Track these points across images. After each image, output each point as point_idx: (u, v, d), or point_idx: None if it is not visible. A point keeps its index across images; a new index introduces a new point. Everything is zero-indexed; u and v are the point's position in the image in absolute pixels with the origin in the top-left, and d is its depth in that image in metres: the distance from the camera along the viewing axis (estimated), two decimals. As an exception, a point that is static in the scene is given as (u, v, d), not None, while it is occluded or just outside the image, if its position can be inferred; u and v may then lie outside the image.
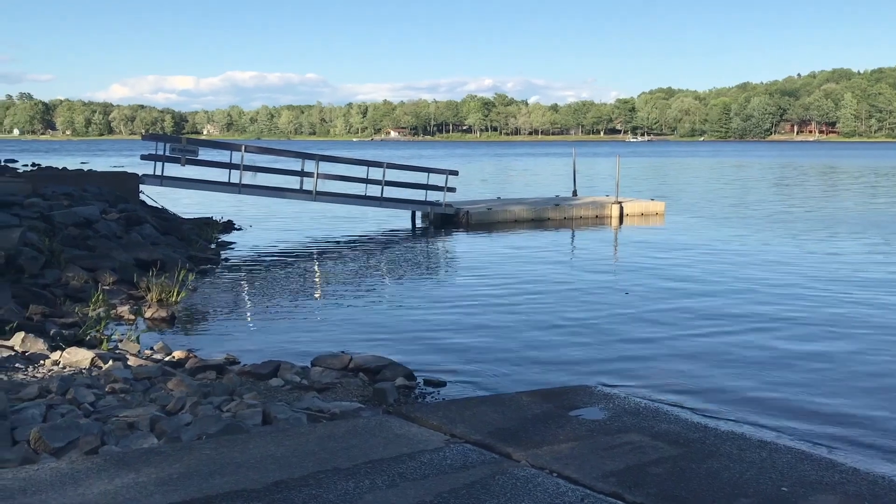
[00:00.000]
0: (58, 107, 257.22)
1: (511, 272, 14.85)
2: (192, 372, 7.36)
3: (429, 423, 5.46)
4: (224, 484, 4.26)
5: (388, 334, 10.07)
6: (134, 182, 20.91)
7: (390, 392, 6.95)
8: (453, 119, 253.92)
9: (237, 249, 17.91)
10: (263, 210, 25.74)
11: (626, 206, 24.80)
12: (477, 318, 10.99)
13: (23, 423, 5.09)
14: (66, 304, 10.34)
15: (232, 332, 10.29)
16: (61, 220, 14.25)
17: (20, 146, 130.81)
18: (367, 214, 24.17)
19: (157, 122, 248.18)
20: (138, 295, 11.53)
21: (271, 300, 12.45)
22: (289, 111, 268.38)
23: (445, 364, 8.61)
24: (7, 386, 6.02)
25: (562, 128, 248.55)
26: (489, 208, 23.52)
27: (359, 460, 4.67)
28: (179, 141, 21.61)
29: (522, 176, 52.99)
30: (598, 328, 10.41)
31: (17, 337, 7.65)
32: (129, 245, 14.06)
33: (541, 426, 5.51)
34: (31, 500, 3.98)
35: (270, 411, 5.82)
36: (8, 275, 10.68)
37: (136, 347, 8.31)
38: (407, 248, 19.10)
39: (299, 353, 8.96)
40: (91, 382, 6.25)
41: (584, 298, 12.36)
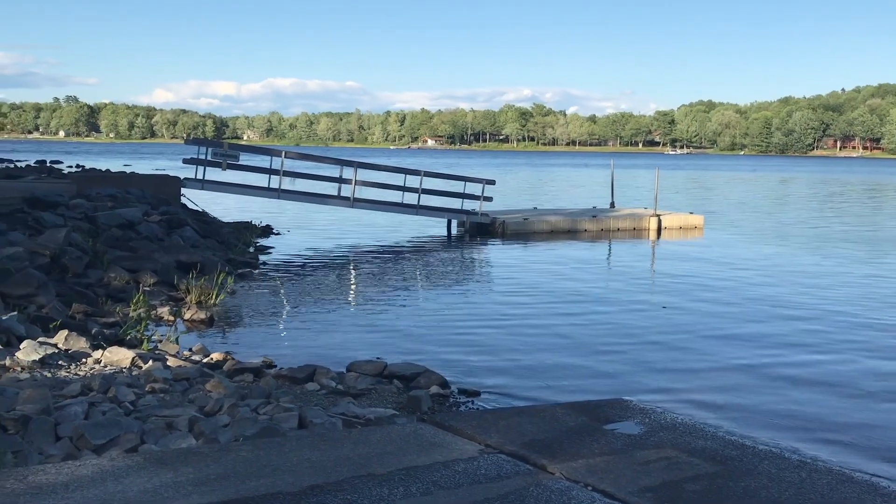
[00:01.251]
0: (102, 110, 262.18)
1: (546, 283, 14.80)
2: (229, 374, 7.45)
3: (463, 433, 5.45)
4: (260, 486, 4.30)
5: (423, 342, 10.09)
6: (176, 185, 21.23)
7: (424, 400, 6.97)
8: (490, 128, 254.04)
9: (275, 254, 18.09)
10: (301, 215, 25.97)
11: (664, 219, 24.59)
12: (511, 328, 10.97)
13: (66, 419, 5.20)
14: (108, 304, 10.53)
15: (268, 335, 10.39)
16: (105, 222, 14.52)
17: (65, 148, 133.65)
18: (403, 222, 24.27)
19: (198, 127, 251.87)
20: (178, 296, 11.70)
21: (307, 305, 12.56)
22: (328, 118, 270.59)
23: (479, 373, 8.61)
24: (51, 383, 6.14)
25: (600, 139, 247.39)
26: (525, 218, 23.48)
27: (393, 467, 4.68)
28: (221, 146, 21.93)
29: (559, 186, 52.83)
30: (633, 341, 10.32)
31: (60, 335, 7.80)
32: (170, 247, 14.27)
33: (576, 439, 5.47)
34: (73, 495, 4.05)
35: (306, 415, 5.87)
36: (53, 274, 10.91)
37: (175, 348, 8.43)
38: (442, 256, 19.14)
39: (334, 358, 9.01)
40: (131, 381, 6.36)
41: (619, 311, 12.27)
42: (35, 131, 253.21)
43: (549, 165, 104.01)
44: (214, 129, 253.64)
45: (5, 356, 6.85)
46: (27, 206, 14.68)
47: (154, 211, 17.07)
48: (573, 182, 59.15)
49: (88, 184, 19.40)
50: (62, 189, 17.42)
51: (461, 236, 22.76)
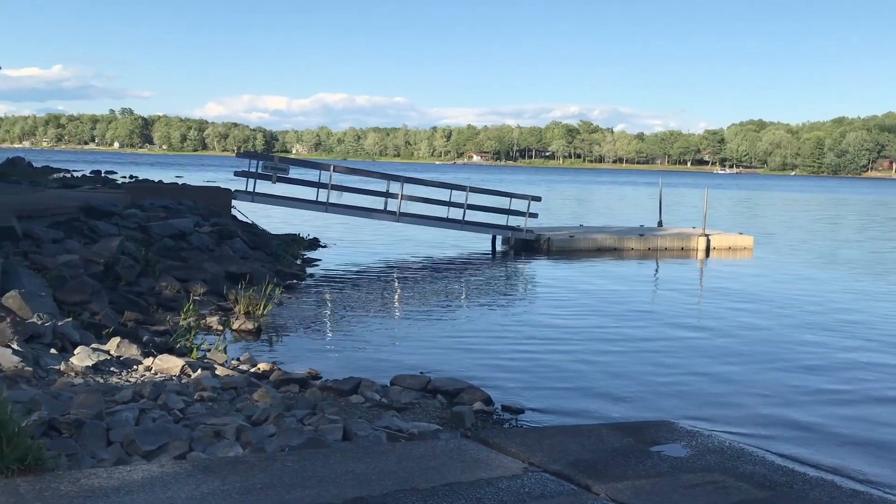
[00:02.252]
0: (156, 122, 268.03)
1: (592, 301, 14.69)
2: (276, 384, 7.54)
3: (507, 450, 5.43)
4: (305, 497, 4.34)
5: (466, 357, 10.08)
6: (226, 197, 21.61)
7: (468, 416, 6.96)
8: (536, 145, 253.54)
9: (322, 266, 18.27)
10: (347, 229, 26.19)
11: (713, 239, 24.25)
12: (556, 346, 10.91)
13: (117, 425, 5.31)
14: (159, 313, 10.73)
15: (314, 346, 10.49)
16: (157, 232, 14.83)
17: (119, 158, 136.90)
18: (447, 237, 24.32)
19: (249, 140, 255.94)
20: (227, 306, 11.88)
21: (352, 317, 12.65)
22: (375, 133, 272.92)
23: (522, 391, 8.57)
24: (103, 388, 6.28)
25: (647, 157, 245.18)
26: (571, 235, 23.36)
27: (437, 482, 4.69)
28: (272, 159, 22.28)
29: (606, 204, 52.47)
30: (680, 362, 10.19)
31: (113, 341, 7.98)
32: (220, 258, 14.51)
33: (621, 460, 5.42)
34: (123, 499, 4.13)
35: (351, 428, 5.91)
36: (106, 281, 11.17)
37: (223, 357, 8.56)
38: (487, 272, 19.13)
39: (378, 371, 9.05)
40: (181, 389, 6.48)
41: (666, 331, 12.12)
42: (91, 142, 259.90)
43: (596, 183, 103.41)
44: (264, 142, 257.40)
45: (60, 361, 7.03)
46: (83, 214, 15.07)
47: (205, 222, 17.38)
48: (620, 200, 58.72)
49: (142, 194, 19.85)
50: (117, 199, 17.85)
51: (506, 252, 22.73)
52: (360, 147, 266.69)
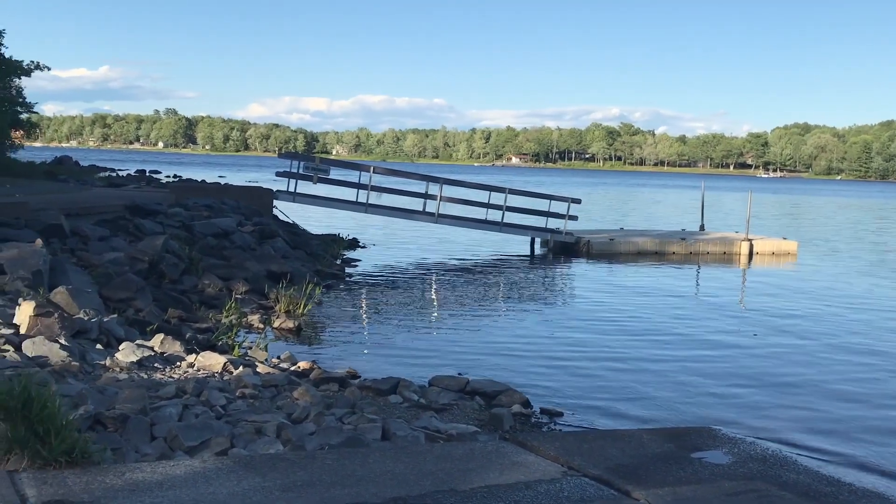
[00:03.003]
0: (199, 123, 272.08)
1: (632, 305, 14.57)
2: (316, 383, 7.60)
3: (546, 453, 5.40)
4: (344, 495, 4.36)
5: (504, 359, 10.06)
6: (268, 197, 21.85)
7: (507, 418, 6.95)
8: (576, 147, 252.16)
9: (361, 267, 18.38)
10: (385, 229, 26.30)
11: (756, 244, 23.88)
12: (594, 349, 10.84)
13: (161, 420, 5.39)
14: (202, 310, 10.89)
15: (353, 346, 10.56)
16: (201, 231, 15.06)
17: (163, 158, 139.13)
18: (486, 239, 24.30)
19: (290, 141, 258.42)
20: (268, 305, 12.02)
21: (391, 318, 12.70)
22: (414, 135, 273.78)
23: (561, 394, 8.53)
24: (147, 384, 6.39)
25: (689, 160, 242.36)
26: (612, 238, 23.18)
27: (475, 484, 4.68)
28: (313, 160, 22.48)
29: (646, 207, 51.99)
30: (721, 368, 10.05)
31: (157, 338, 8.11)
32: (262, 257, 14.68)
33: (661, 466, 5.36)
34: (166, 494, 4.19)
35: (389, 427, 5.93)
36: (150, 279, 11.37)
37: (264, 355, 8.66)
38: (525, 274, 19.07)
39: (416, 371, 9.08)
40: (223, 386, 6.56)
41: (708, 337, 11.97)
42: (136, 142, 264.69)
43: (636, 185, 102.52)
44: (305, 143, 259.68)
45: (106, 356, 7.17)
46: (129, 213, 15.36)
47: (247, 221, 17.59)
48: (661, 203, 58.13)
49: (185, 193, 20.16)
50: (161, 198, 18.16)
51: (544, 255, 22.64)
52: (399, 148, 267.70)
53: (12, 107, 30.46)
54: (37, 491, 4.04)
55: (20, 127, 32.71)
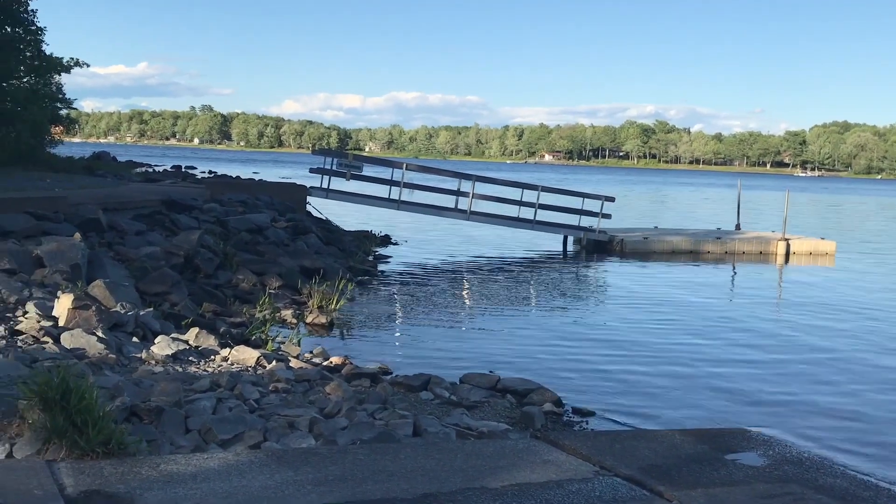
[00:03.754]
0: (234, 119, 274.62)
1: (665, 305, 14.43)
2: (348, 378, 7.64)
3: (577, 452, 5.38)
4: (376, 490, 4.38)
5: (535, 358, 10.03)
6: (302, 193, 22.00)
7: (538, 417, 6.92)
8: (610, 144, 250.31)
9: (393, 263, 18.43)
10: (416, 226, 26.34)
11: (793, 244, 23.53)
12: (627, 349, 10.76)
13: (195, 413, 5.46)
14: (235, 305, 11.00)
15: (384, 342, 10.60)
16: (235, 226, 15.20)
17: (199, 154, 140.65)
18: (518, 236, 24.22)
19: (323, 138, 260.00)
20: (300, 300, 12.10)
21: (422, 314, 12.73)
22: (446, 132, 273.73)
23: (593, 393, 8.48)
24: (183, 377, 6.47)
25: (725, 158, 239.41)
26: (646, 237, 22.99)
27: (506, 482, 4.67)
28: (346, 156, 22.58)
29: (681, 205, 51.46)
30: (756, 369, 9.93)
31: (191, 332, 8.21)
32: (295, 253, 14.79)
33: (695, 467, 5.30)
34: (200, 486, 4.24)
35: (421, 424, 5.94)
36: (186, 273, 11.50)
37: (296, 350, 8.72)
38: (558, 272, 18.99)
39: (447, 368, 9.08)
40: (256, 380, 6.62)
41: (742, 337, 11.82)
42: (172, 138, 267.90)
43: (671, 184, 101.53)
44: (338, 140, 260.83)
45: (142, 349, 7.27)
46: (165, 208, 15.56)
47: (281, 217, 17.73)
48: (696, 202, 57.51)
49: (221, 189, 20.37)
50: (197, 193, 18.36)
51: (577, 253, 22.52)
52: (432, 145, 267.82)
53: (52, 103, 30.99)
54: (74, 480, 4.12)
55: (60, 123, 33.27)
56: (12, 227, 11.04)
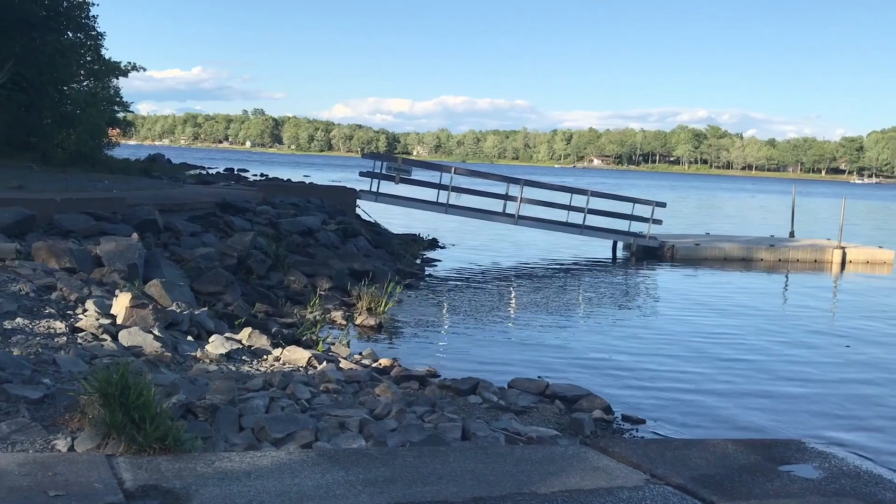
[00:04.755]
0: (286, 123, 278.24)
1: (717, 313, 14.21)
2: (396, 380, 7.68)
3: (628, 460, 5.33)
4: (425, 493, 4.40)
5: (584, 364, 9.96)
6: (352, 196, 22.19)
7: (587, 423, 6.88)
8: (661, 149, 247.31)
9: (440, 267, 18.47)
10: (463, 230, 26.34)
11: (849, 252, 22.97)
12: (677, 357, 10.62)
13: (249, 411, 5.54)
14: (287, 306, 11.15)
15: (432, 345, 10.63)
16: (287, 228, 15.40)
17: (250, 157, 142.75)
18: (567, 241, 24.09)
19: (372, 142, 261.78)
20: (350, 302, 12.21)
21: (470, 318, 12.73)
22: (494, 136, 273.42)
23: (643, 401, 8.39)
24: (236, 376, 6.58)
25: (779, 164, 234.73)
26: (697, 244, 22.66)
27: (556, 488, 4.65)
28: (396, 160, 22.71)
29: (733, 212, 50.58)
30: (810, 380, 9.71)
31: (244, 332, 8.34)
32: (345, 255, 14.93)
33: (748, 478, 5.22)
34: (254, 483, 4.31)
35: (469, 427, 5.95)
36: (239, 274, 11.69)
37: (346, 351, 8.80)
38: (607, 278, 18.83)
39: (494, 372, 9.07)
40: (307, 380, 6.70)
41: (796, 347, 11.58)
42: (225, 141, 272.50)
43: (723, 189, 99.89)
44: (387, 144, 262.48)
45: (196, 348, 7.41)
46: (219, 210, 15.83)
47: (331, 220, 17.91)
48: (749, 208, 56.48)
49: (273, 192, 20.65)
50: (250, 196, 18.65)
51: (627, 259, 22.30)
52: (479, 149, 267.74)
53: (110, 106, 31.81)
54: (132, 475, 4.22)
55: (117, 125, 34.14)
56: (73, 226, 11.35)
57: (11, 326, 6.69)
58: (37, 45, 24.37)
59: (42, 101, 25.38)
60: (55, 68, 25.16)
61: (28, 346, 6.20)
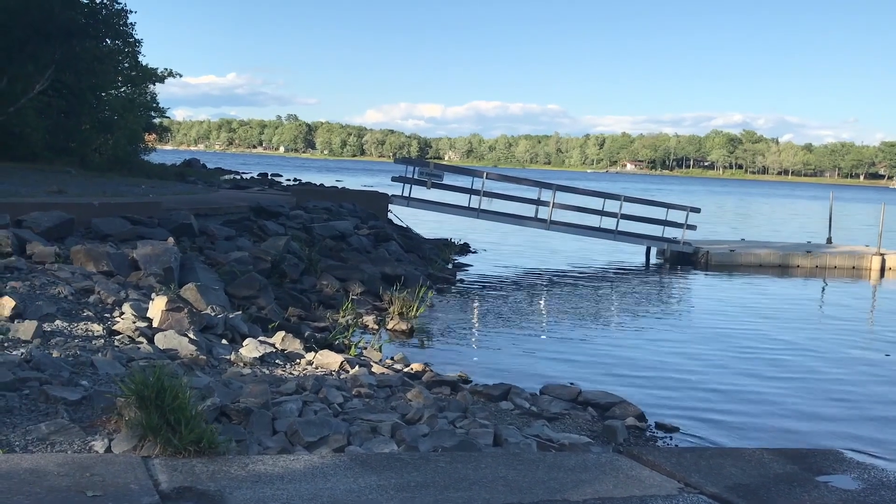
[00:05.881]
0: (318, 128, 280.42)
1: (753, 320, 14.02)
2: (428, 385, 7.69)
3: (661, 468, 5.28)
4: (457, 498, 4.39)
5: (617, 371, 9.88)
6: (384, 201, 22.29)
7: (620, 431, 6.82)
8: (695, 154, 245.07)
9: (472, 271, 18.46)
10: (495, 235, 26.31)
11: (888, 259, 22.54)
12: (712, 364, 10.50)
13: (282, 415, 5.58)
14: (319, 310, 11.21)
15: (463, 350, 10.62)
16: (320, 233, 15.51)
17: (284, 162, 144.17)
18: (599, 247, 23.95)
19: (404, 147, 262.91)
20: (382, 307, 12.25)
21: (501, 323, 12.70)
22: (526, 140, 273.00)
23: (677, 409, 8.31)
24: (270, 379, 6.63)
25: (815, 169, 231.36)
26: (732, 250, 22.40)
27: (588, 496, 4.62)
28: (428, 165, 22.77)
29: (769, 218, 49.91)
30: (848, 388, 9.54)
31: (278, 335, 8.41)
32: (377, 259, 14.99)
33: (784, 488, 5.14)
34: (287, 486, 4.34)
35: (501, 433, 5.93)
36: (272, 278, 11.79)
37: (378, 356, 8.83)
38: (641, 284, 18.68)
39: (526, 378, 9.05)
40: (340, 385, 6.73)
41: (834, 355, 11.39)
42: (259, 146, 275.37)
43: (759, 195, 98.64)
44: (418, 149, 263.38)
45: (230, 351, 7.48)
46: (253, 214, 15.98)
47: (363, 224, 18.00)
48: (785, 214, 55.71)
49: (306, 196, 20.80)
50: (284, 200, 18.80)
51: (660, 265, 22.10)
52: (511, 154, 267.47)
53: (147, 111, 32.32)
54: (168, 477, 4.26)
55: (153, 130, 34.68)
56: (110, 230, 11.53)
57: (51, 329, 6.81)
58: (76, 52, 24.84)
59: (81, 106, 25.87)
60: (94, 75, 25.65)
61: (67, 348, 6.31)
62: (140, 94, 31.78)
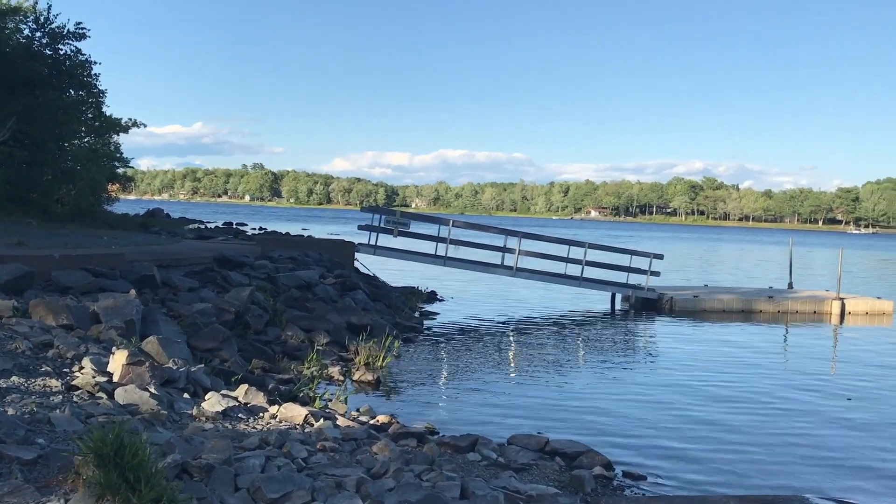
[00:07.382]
0: (285, 177, 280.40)
1: (717, 366, 14.14)
2: (394, 437, 7.60)
3: (629, 518, 5.26)
4: (424, 555, 4.32)
5: (585, 419, 9.87)
6: (350, 250, 22.25)
7: (588, 481, 6.79)
8: (657, 201, 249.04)
9: (439, 320, 18.42)
10: (464, 282, 26.35)
11: (848, 303, 22.95)
12: (678, 412, 10.54)
13: (244, 471, 5.47)
14: (284, 361, 11.08)
15: (431, 400, 10.55)
16: (285, 283, 15.40)
17: (249, 211, 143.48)
18: (565, 294, 24.07)
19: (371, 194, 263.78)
20: (348, 357, 12.15)
21: (468, 372, 12.65)
22: (492, 188, 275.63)
23: (644, 457, 8.30)
24: (232, 434, 6.51)
25: (775, 215, 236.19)
26: (696, 295, 22.66)
27: (556, 548, 4.58)
28: (394, 213, 22.83)
29: (732, 264, 50.63)
30: (813, 434, 9.63)
31: (241, 388, 8.28)
32: (343, 309, 14.89)
33: (751, 536, 5.14)
34: (249, 546, 4.24)
35: (468, 486, 5.87)
36: (236, 329, 11.65)
37: (344, 408, 8.72)
38: (606, 331, 18.77)
39: (494, 428, 9.01)
40: (304, 439, 6.63)
41: (798, 401, 11.50)
42: (224, 195, 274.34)
43: (721, 241, 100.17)
44: (385, 196, 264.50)
45: (192, 405, 7.34)
46: (217, 265, 15.83)
47: (330, 273, 17.92)
48: (746, 260, 56.56)
49: (271, 246, 20.70)
50: (248, 250, 18.68)
51: (626, 311, 22.26)
52: (478, 201, 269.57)
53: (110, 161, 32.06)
54: (126, 538, 4.15)
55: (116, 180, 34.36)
56: (71, 283, 11.34)
57: (6, 385, 6.65)
58: (39, 103, 24.68)
59: (43, 157, 25.59)
60: (57, 125, 25.44)
61: (23, 405, 6.15)
62: (104, 145, 31.56)
